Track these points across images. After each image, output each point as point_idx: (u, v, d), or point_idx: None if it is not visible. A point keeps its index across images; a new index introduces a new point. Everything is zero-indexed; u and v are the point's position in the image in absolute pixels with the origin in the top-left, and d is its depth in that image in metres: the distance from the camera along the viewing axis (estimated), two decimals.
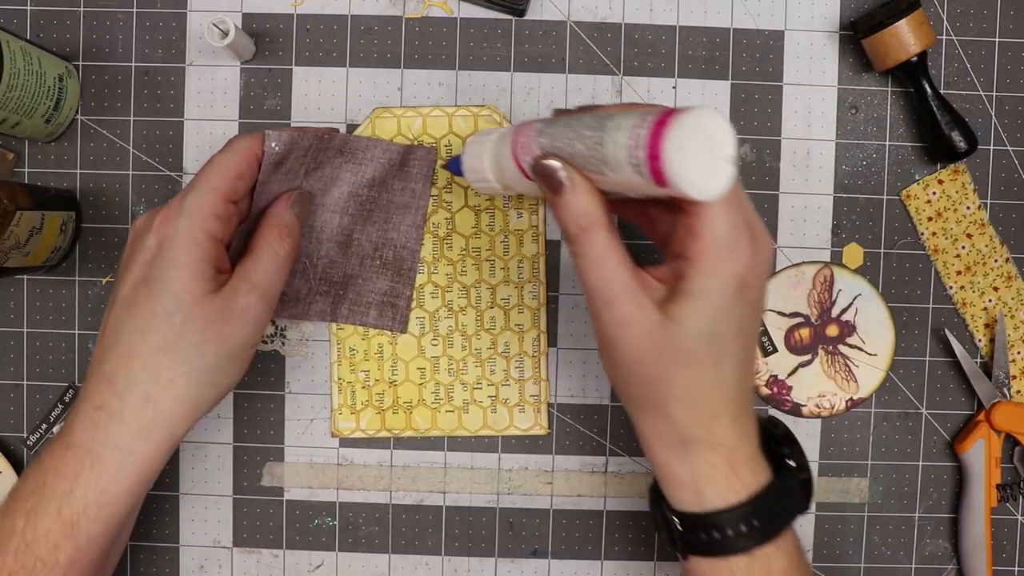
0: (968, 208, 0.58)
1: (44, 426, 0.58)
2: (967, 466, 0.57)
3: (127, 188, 0.58)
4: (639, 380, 0.41)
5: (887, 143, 0.58)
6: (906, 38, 0.54)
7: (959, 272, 0.58)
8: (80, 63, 0.57)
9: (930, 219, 0.58)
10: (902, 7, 0.53)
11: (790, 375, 0.58)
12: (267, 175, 0.49)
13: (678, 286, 0.39)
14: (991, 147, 0.58)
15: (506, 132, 0.46)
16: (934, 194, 0.58)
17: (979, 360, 0.59)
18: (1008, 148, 0.58)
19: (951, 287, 0.58)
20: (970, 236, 0.58)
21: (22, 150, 0.58)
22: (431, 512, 0.59)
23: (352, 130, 0.57)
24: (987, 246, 0.58)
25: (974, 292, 0.58)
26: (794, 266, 0.58)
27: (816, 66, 0.58)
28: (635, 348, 0.40)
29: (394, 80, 0.58)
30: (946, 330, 0.58)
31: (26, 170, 0.58)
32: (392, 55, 0.58)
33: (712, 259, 0.38)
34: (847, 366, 0.58)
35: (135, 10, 0.58)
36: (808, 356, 0.58)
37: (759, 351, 0.58)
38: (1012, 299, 0.58)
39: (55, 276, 0.58)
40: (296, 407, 0.58)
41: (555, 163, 0.40)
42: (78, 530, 0.43)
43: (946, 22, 0.58)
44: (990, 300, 0.58)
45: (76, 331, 0.58)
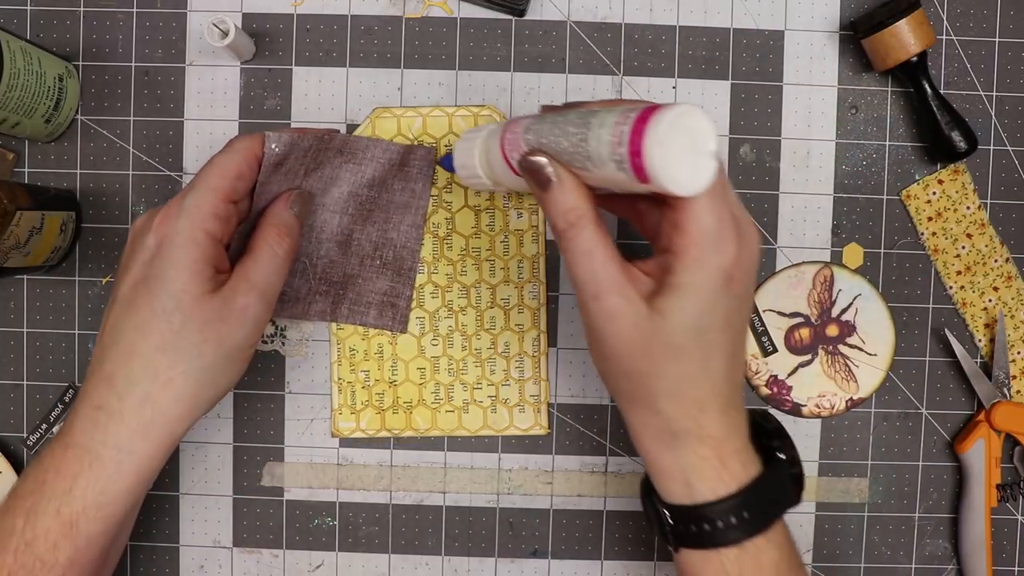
0: (968, 208, 0.58)
1: (44, 426, 0.58)
2: (967, 466, 0.57)
3: (127, 188, 0.58)
4: (627, 373, 0.41)
5: (887, 143, 0.58)
6: (906, 38, 0.54)
7: (959, 272, 0.58)
8: (80, 63, 0.57)
9: (930, 219, 0.58)
10: (902, 7, 0.53)
11: (790, 375, 0.58)
12: (267, 175, 0.49)
13: (665, 280, 0.39)
14: (991, 147, 0.58)
15: (495, 129, 0.46)
16: (934, 194, 0.58)
17: (979, 360, 0.58)
18: (1008, 148, 0.58)
19: (951, 287, 0.58)
20: (970, 236, 0.58)
21: (22, 150, 0.58)
22: (431, 512, 0.59)
23: (352, 130, 0.57)
24: (987, 246, 0.58)
25: (974, 292, 0.58)
26: (794, 266, 0.58)
27: (816, 66, 0.58)
28: (623, 341, 0.40)
29: (394, 80, 0.58)
30: (946, 330, 0.58)
31: (26, 170, 0.58)
32: (392, 55, 0.58)
33: (698, 253, 0.38)
34: (847, 366, 0.58)
35: (135, 10, 0.58)
36: (808, 356, 0.58)
37: (759, 351, 0.58)
38: (1012, 299, 0.58)
39: (55, 276, 0.58)
40: (296, 407, 0.58)
41: (542, 159, 0.40)
42: (77, 530, 0.43)
43: (946, 22, 0.58)
44: (990, 300, 0.58)
45: (76, 331, 0.58)
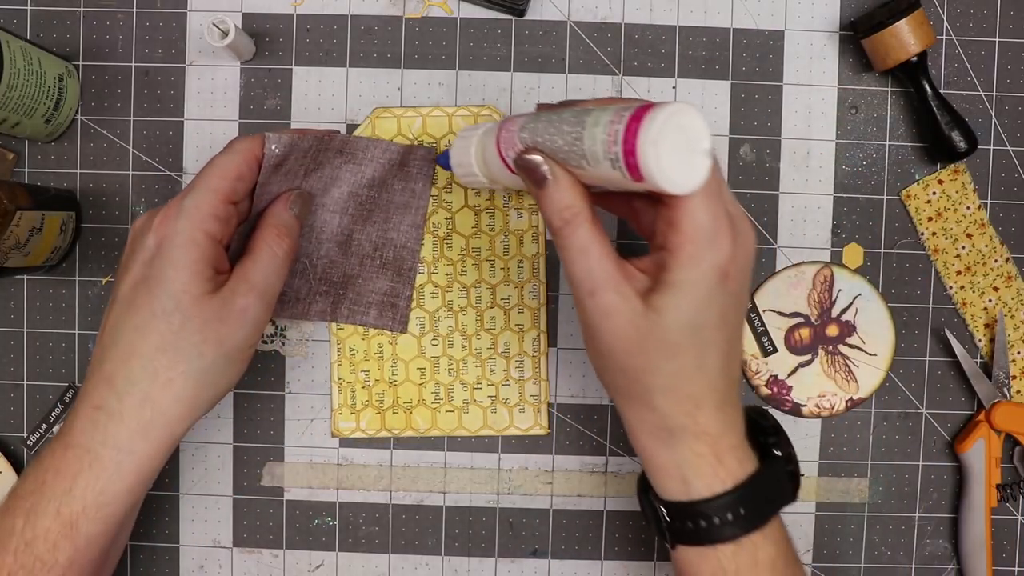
0: (968, 208, 0.58)
1: (44, 426, 0.58)
2: (967, 466, 0.57)
3: (127, 188, 0.58)
4: (623, 370, 0.41)
5: (887, 143, 0.58)
6: (906, 38, 0.54)
7: (959, 272, 0.58)
8: (80, 63, 0.57)
9: (930, 219, 0.58)
10: (902, 7, 0.53)
11: (790, 375, 0.58)
12: (267, 176, 0.49)
13: (660, 277, 0.39)
14: (991, 147, 0.58)
15: (491, 127, 0.46)
16: (934, 194, 0.58)
17: (979, 360, 0.58)
18: (1008, 148, 0.58)
19: (951, 287, 0.58)
20: (970, 236, 0.58)
21: (22, 150, 0.58)
22: (431, 512, 0.59)
23: (352, 130, 0.57)
24: (987, 246, 0.58)
25: (974, 292, 0.58)
26: (794, 266, 0.58)
27: (816, 66, 0.58)
28: (619, 338, 0.40)
29: (394, 80, 0.58)
30: (946, 330, 0.58)
31: (26, 170, 0.58)
32: (392, 55, 0.58)
33: (693, 250, 0.38)
34: (847, 366, 0.58)
35: (135, 10, 0.58)
36: (808, 356, 0.58)
37: (759, 351, 0.58)
38: (1012, 299, 0.58)
39: (55, 276, 0.58)
40: (296, 407, 0.58)
41: (537, 158, 0.41)
42: (77, 530, 0.43)
43: (946, 22, 0.58)
44: (990, 300, 0.58)
45: (76, 331, 0.58)
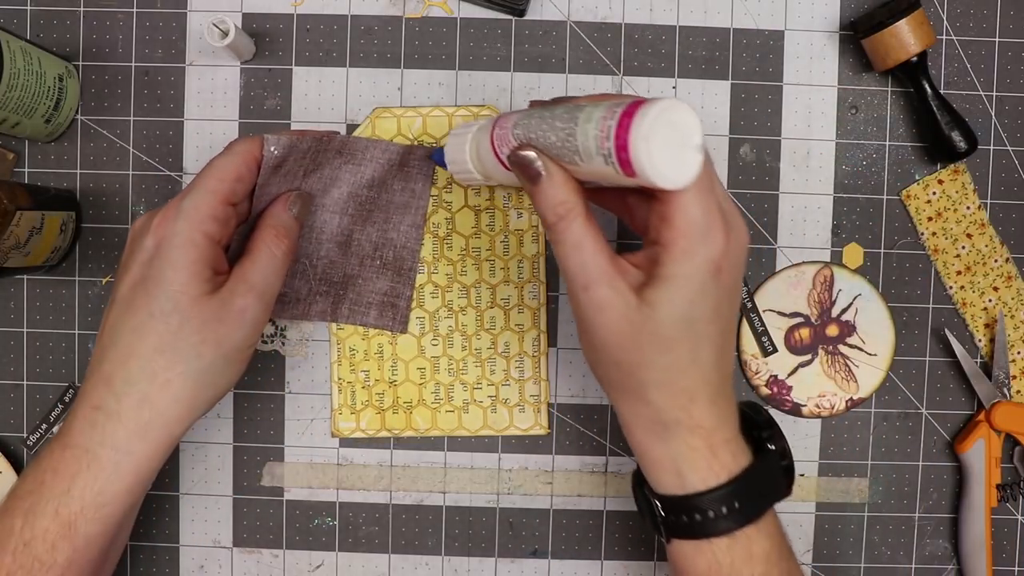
0: (968, 208, 0.58)
1: (44, 426, 0.58)
2: (967, 466, 0.57)
3: (127, 188, 0.58)
4: (617, 364, 0.41)
5: (887, 143, 0.58)
6: (906, 38, 0.53)
7: (959, 272, 0.58)
8: (80, 63, 0.57)
9: (930, 219, 0.58)
10: (902, 7, 0.53)
11: (790, 375, 0.58)
12: (266, 177, 0.49)
13: (654, 271, 0.39)
14: (991, 147, 0.58)
15: (486, 124, 0.46)
16: (934, 194, 0.58)
17: (979, 360, 0.58)
18: (1008, 148, 0.58)
19: (951, 287, 0.58)
20: (970, 236, 0.58)
21: (22, 150, 0.58)
22: (431, 512, 0.59)
23: (352, 130, 0.57)
24: (987, 246, 0.58)
25: (974, 292, 0.58)
26: (794, 266, 0.58)
27: (816, 66, 0.58)
28: (613, 332, 0.40)
29: (394, 80, 0.58)
30: (946, 330, 0.58)
31: (26, 170, 0.58)
32: (392, 55, 0.58)
33: (685, 245, 0.39)
34: (847, 366, 0.58)
35: (135, 10, 0.58)
36: (808, 356, 0.58)
37: (759, 351, 0.58)
38: (1012, 299, 0.58)
39: (55, 276, 0.58)
40: (296, 407, 0.58)
41: (531, 154, 0.41)
42: (75, 530, 0.43)
43: (946, 22, 0.58)
44: (990, 300, 0.58)
45: (76, 331, 0.58)
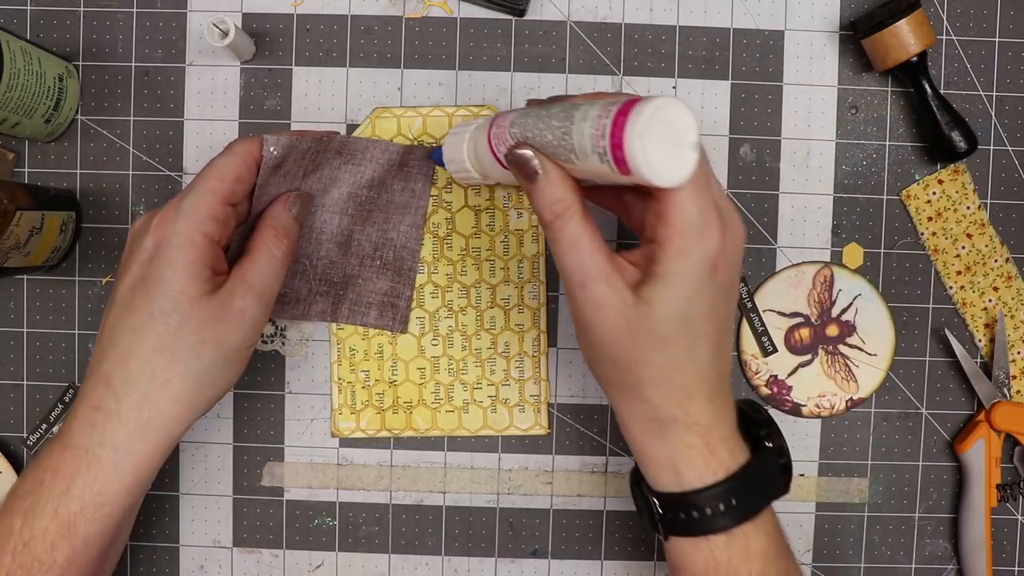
0: (968, 208, 0.58)
1: (44, 426, 0.58)
2: (967, 466, 0.57)
3: (127, 188, 0.58)
4: (615, 361, 0.41)
5: (887, 143, 0.58)
6: (906, 38, 0.53)
7: (959, 272, 0.58)
8: (80, 63, 0.57)
9: (930, 219, 0.58)
10: (902, 7, 0.53)
11: (790, 375, 0.58)
12: (265, 178, 0.49)
13: (650, 269, 0.40)
14: (991, 147, 0.58)
15: (483, 123, 0.46)
16: (934, 194, 0.58)
17: (979, 360, 0.58)
18: (1008, 148, 0.58)
19: (951, 287, 0.58)
20: (970, 236, 0.58)
21: (22, 150, 0.58)
22: (431, 512, 0.59)
23: (352, 130, 0.57)
24: (987, 246, 0.58)
25: (974, 292, 0.58)
26: (794, 266, 0.58)
27: (816, 66, 0.58)
28: (610, 330, 0.40)
29: (394, 80, 0.58)
30: (946, 330, 0.58)
31: (26, 170, 0.58)
32: (392, 55, 0.58)
33: (682, 242, 0.39)
34: (847, 366, 0.58)
35: (135, 10, 0.58)
36: (808, 356, 0.58)
37: (759, 351, 0.58)
38: (1012, 299, 0.58)
39: (55, 276, 0.58)
40: (296, 407, 0.58)
41: (528, 152, 0.41)
42: (75, 530, 0.43)
43: (946, 22, 0.58)
44: (990, 300, 0.58)
45: (76, 331, 0.58)
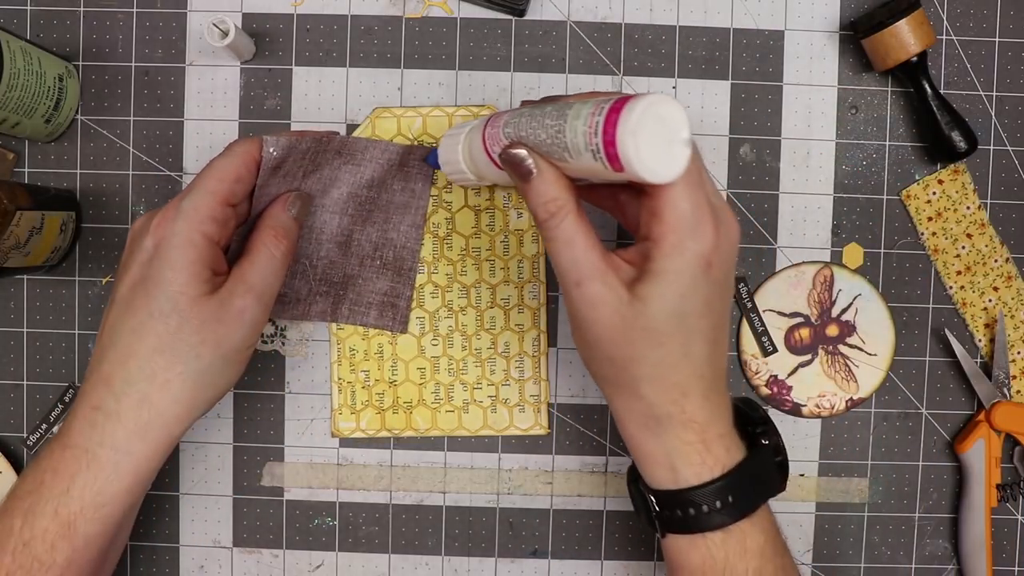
0: (968, 208, 0.58)
1: (44, 426, 0.58)
2: (967, 466, 0.57)
3: (127, 188, 0.58)
4: (610, 359, 0.42)
5: (887, 143, 0.58)
6: (906, 38, 0.53)
7: (959, 272, 0.58)
8: (80, 63, 0.57)
9: (930, 219, 0.58)
10: (902, 7, 0.53)
11: (790, 375, 0.58)
12: (265, 178, 0.49)
13: (645, 267, 0.40)
14: (991, 147, 0.58)
15: (478, 124, 0.47)
16: (934, 194, 0.58)
17: (979, 360, 0.58)
18: (1008, 148, 0.58)
19: (951, 287, 0.58)
20: (970, 236, 0.58)
21: (22, 150, 0.58)
22: (431, 512, 0.59)
23: (352, 130, 0.57)
24: (987, 246, 0.58)
25: (974, 292, 0.58)
26: (794, 266, 0.58)
27: (816, 66, 0.58)
28: (605, 327, 0.40)
29: (394, 80, 0.58)
30: (946, 330, 0.58)
31: (26, 170, 0.58)
32: (392, 55, 0.58)
33: (675, 239, 0.39)
34: (847, 366, 0.58)
35: (135, 10, 0.58)
36: (808, 356, 0.58)
37: (759, 351, 0.58)
38: (1012, 299, 0.58)
39: (55, 276, 0.58)
40: (296, 407, 0.58)
41: (522, 151, 0.41)
42: (75, 530, 0.43)
43: (946, 22, 0.58)
44: (990, 300, 0.58)
45: (76, 331, 0.58)
